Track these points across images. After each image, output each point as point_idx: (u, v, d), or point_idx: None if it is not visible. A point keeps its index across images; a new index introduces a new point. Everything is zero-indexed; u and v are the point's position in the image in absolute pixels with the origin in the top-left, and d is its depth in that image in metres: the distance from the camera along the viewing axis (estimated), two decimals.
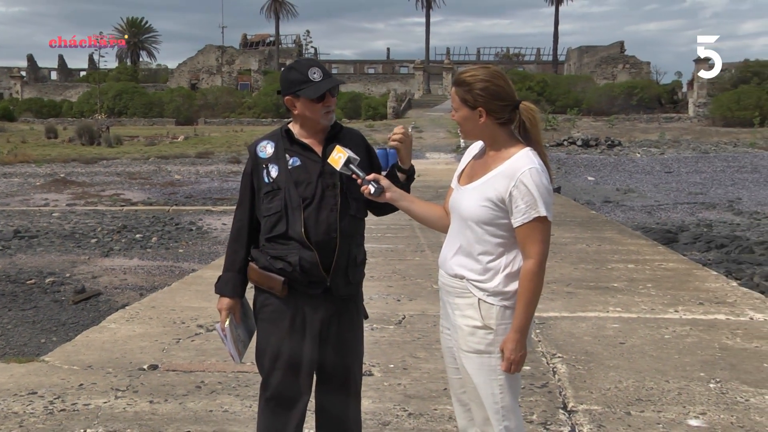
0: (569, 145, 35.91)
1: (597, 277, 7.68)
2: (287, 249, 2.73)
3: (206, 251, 11.23)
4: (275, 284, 2.75)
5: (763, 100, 45.40)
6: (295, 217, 2.72)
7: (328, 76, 2.76)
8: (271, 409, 2.84)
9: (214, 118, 57.19)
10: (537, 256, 2.51)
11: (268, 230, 2.77)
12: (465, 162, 2.78)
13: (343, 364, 2.88)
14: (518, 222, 2.51)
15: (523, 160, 2.52)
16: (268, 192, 2.77)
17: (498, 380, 2.58)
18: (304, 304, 2.77)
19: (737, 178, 22.89)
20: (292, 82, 2.75)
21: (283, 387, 2.80)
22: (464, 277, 2.60)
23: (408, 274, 7.90)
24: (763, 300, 6.73)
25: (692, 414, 4.05)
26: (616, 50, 67.10)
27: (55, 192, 19.56)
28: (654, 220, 14.57)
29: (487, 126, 2.59)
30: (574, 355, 5.11)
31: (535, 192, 2.48)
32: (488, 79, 2.56)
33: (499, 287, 2.55)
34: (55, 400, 4.27)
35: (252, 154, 2.85)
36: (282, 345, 2.78)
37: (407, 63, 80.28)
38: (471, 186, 2.62)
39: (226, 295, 2.87)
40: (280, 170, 2.77)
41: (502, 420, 2.59)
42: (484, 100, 2.56)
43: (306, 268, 2.72)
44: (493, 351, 2.57)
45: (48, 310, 7.91)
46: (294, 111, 2.79)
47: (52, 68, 79.91)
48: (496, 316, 2.56)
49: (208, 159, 31.27)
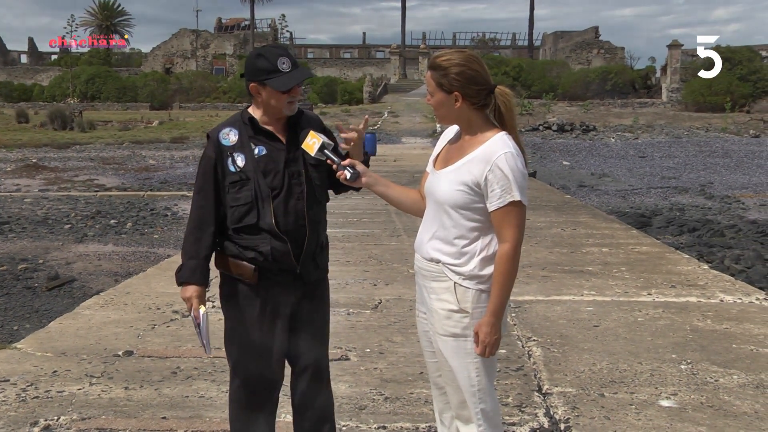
0: (544, 129, 36.06)
1: (572, 261, 7.75)
2: (258, 239, 2.71)
3: (181, 237, 11.12)
4: (246, 271, 2.73)
5: (734, 85, 45.91)
6: (265, 208, 2.70)
7: (296, 67, 2.73)
8: (245, 397, 2.82)
9: (189, 103, 56.59)
10: (512, 240, 2.52)
11: (236, 220, 2.72)
12: (440, 146, 2.78)
13: (314, 348, 2.89)
14: (493, 206, 2.52)
15: (498, 144, 2.53)
16: (235, 182, 2.71)
17: (474, 363, 2.60)
18: (274, 290, 2.76)
19: (709, 163, 23.17)
20: (259, 70, 2.70)
21: (254, 374, 2.79)
22: (440, 261, 2.60)
23: (384, 258, 7.92)
24: (733, 282, 6.85)
25: (664, 395, 4.13)
26: (590, 35, 67.44)
27: (26, 177, 19.27)
28: (628, 205, 14.72)
29: (462, 110, 2.59)
30: (549, 338, 5.17)
31: (510, 176, 2.49)
32: (464, 63, 2.56)
33: (475, 271, 2.56)
34: (28, 387, 4.23)
35: (215, 141, 2.76)
36: (252, 332, 2.76)
37: (383, 48, 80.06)
38: (446, 170, 2.63)
39: (195, 283, 2.78)
40: (246, 159, 2.72)
41: (478, 403, 2.62)
42: (460, 84, 2.55)
43: (277, 257, 2.71)
44: (469, 334, 2.58)
45: (21, 296, 7.82)
46: (258, 98, 2.75)
47: (22, 51, 78.56)
48: (471, 299, 2.57)
49: (183, 144, 30.96)
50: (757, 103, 46.92)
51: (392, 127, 36.93)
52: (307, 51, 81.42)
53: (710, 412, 3.90)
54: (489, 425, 2.64)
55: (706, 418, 3.82)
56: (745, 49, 51.20)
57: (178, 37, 70.54)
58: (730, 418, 3.83)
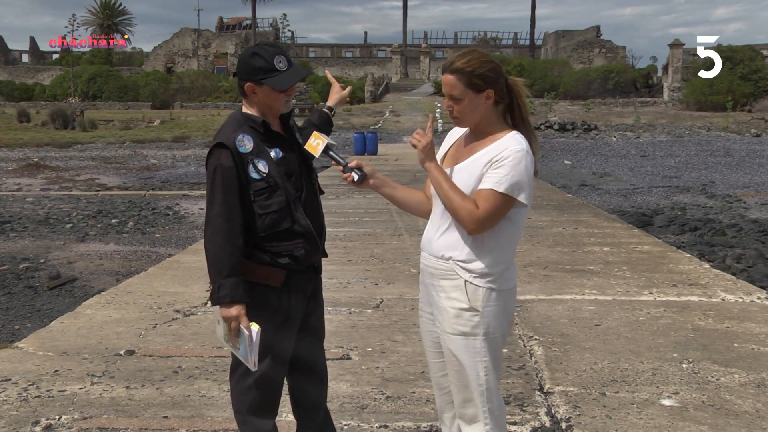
0: (546, 129, 36.06)
1: (573, 260, 7.75)
2: (292, 244, 2.69)
3: (183, 236, 11.15)
4: (276, 276, 2.68)
5: (735, 84, 45.92)
6: (297, 211, 2.69)
7: (291, 65, 2.72)
8: (258, 397, 2.77)
9: (191, 102, 56.62)
10: (483, 212, 2.49)
11: (269, 227, 2.65)
12: (447, 146, 2.78)
13: (319, 346, 2.92)
14: (483, 185, 2.51)
15: (509, 142, 2.54)
16: (263, 189, 2.64)
17: (483, 362, 2.59)
18: (294, 291, 2.75)
19: (710, 162, 23.15)
20: (256, 69, 2.66)
21: (270, 375, 2.76)
22: (450, 258, 2.59)
23: (386, 258, 7.92)
24: (735, 281, 6.84)
25: (665, 394, 4.12)
26: (592, 35, 67.37)
27: (28, 177, 19.28)
28: (629, 204, 14.71)
29: (488, 108, 2.59)
30: (550, 337, 5.16)
31: (510, 171, 2.48)
32: (489, 59, 2.58)
33: (486, 268, 2.56)
34: (30, 387, 4.23)
35: (232, 150, 2.63)
36: (275, 333, 2.72)
37: (385, 47, 79.99)
38: (458, 167, 2.62)
39: (242, 302, 2.63)
40: (268, 164, 2.66)
41: (486, 402, 2.61)
42: (493, 79, 2.56)
43: (309, 258, 2.74)
44: (479, 333, 2.58)
45: (22, 296, 7.82)
46: (253, 98, 2.71)
47: (23, 51, 78.59)
48: (482, 297, 2.57)
49: (185, 143, 30.98)
50: (759, 102, 46.90)
51: (394, 127, 36.94)
52: (308, 50, 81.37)
53: (711, 411, 3.90)
54: (495, 424, 2.64)
55: (708, 417, 3.81)
56: (746, 48, 51.20)
57: (180, 36, 70.57)
58: (732, 417, 3.82)
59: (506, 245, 2.59)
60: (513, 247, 2.65)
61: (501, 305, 2.59)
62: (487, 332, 2.58)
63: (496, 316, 2.58)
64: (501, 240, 2.57)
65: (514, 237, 2.63)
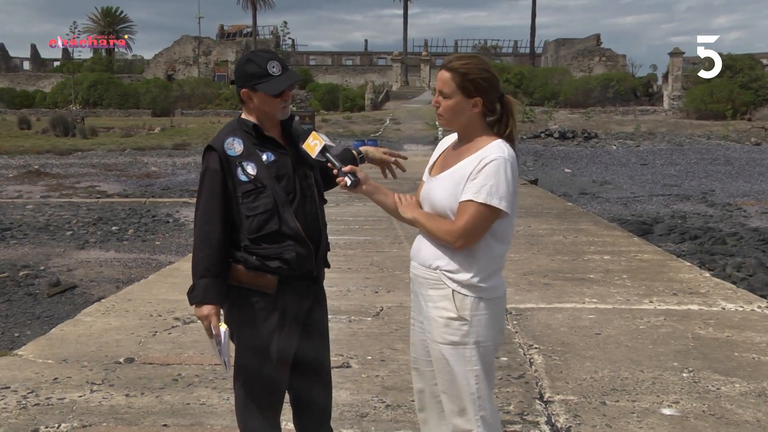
0: (546, 137, 36.10)
1: (573, 269, 7.74)
2: (281, 247, 2.68)
3: (183, 243, 11.15)
4: (268, 283, 2.68)
5: (735, 93, 45.96)
6: (286, 214, 2.68)
7: (286, 70, 2.72)
8: (260, 402, 2.78)
9: (191, 110, 56.66)
10: (462, 228, 2.49)
11: (256, 229, 2.66)
12: (437, 154, 2.80)
13: (321, 348, 2.91)
14: (464, 197, 2.51)
15: (493, 149, 2.54)
16: (249, 191, 2.66)
17: (474, 371, 2.59)
18: (291, 297, 2.74)
19: (710, 170, 23.17)
20: (250, 75, 2.68)
21: (270, 382, 2.77)
22: (438, 267, 2.60)
23: (385, 265, 7.91)
24: (735, 290, 6.84)
25: (666, 403, 4.11)
26: (592, 43, 67.47)
27: (28, 184, 19.30)
28: (629, 212, 14.71)
29: (474, 116, 2.60)
30: (550, 345, 5.16)
31: (492, 180, 2.48)
32: (488, 69, 2.59)
33: (474, 278, 2.56)
34: (29, 395, 4.22)
35: (220, 153, 2.68)
36: (272, 341, 2.72)
37: (385, 55, 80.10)
38: (441, 176, 2.64)
39: (211, 303, 2.68)
40: (257, 167, 2.68)
41: (479, 410, 2.61)
42: (484, 89, 2.57)
43: (302, 263, 2.71)
44: (469, 342, 2.57)
45: (22, 303, 7.82)
46: (250, 104, 2.73)
47: (24, 58, 78.73)
48: (470, 307, 2.57)
49: (185, 150, 31.01)
50: (759, 110, 46.92)
51: (394, 134, 36.97)
52: (309, 58, 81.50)
53: (712, 420, 3.89)
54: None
55: (708, 427, 3.80)
56: (746, 57, 51.25)
57: (181, 43, 70.69)
58: (732, 426, 3.82)
59: (493, 254, 2.59)
60: (501, 256, 2.65)
61: (490, 314, 2.59)
62: (477, 341, 2.58)
63: (485, 325, 2.58)
64: (490, 248, 2.58)
65: (502, 246, 2.63)
